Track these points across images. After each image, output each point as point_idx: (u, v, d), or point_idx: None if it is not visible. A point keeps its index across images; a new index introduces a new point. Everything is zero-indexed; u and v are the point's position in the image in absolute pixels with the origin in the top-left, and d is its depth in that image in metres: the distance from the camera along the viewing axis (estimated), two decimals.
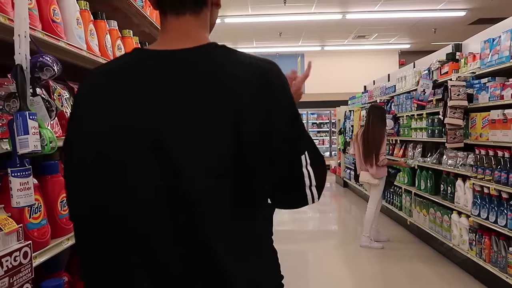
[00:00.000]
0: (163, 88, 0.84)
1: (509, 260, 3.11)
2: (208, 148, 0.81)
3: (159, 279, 0.81)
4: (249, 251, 0.87)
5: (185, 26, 0.92)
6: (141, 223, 0.81)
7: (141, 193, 0.80)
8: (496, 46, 3.41)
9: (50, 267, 1.48)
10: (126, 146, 0.81)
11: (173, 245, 0.81)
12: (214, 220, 0.82)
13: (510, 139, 3.11)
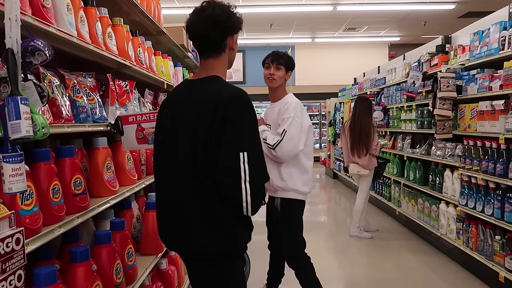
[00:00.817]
0: (178, 101, 1.62)
1: (495, 248, 3.18)
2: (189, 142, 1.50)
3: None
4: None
5: (208, 65, 1.64)
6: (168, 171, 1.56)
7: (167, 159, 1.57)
8: (485, 38, 3.45)
9: (42, 255, 1.48)
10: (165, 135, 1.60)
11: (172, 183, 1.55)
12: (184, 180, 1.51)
13: (497, 130, 3.16)
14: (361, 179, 4.85)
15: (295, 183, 2.58)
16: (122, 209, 2.26)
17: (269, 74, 2.64)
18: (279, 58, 2.66)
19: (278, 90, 2.70)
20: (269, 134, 2.60)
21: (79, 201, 1.59)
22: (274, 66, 2.64)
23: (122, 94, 2.38)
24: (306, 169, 2.62)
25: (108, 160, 1.98)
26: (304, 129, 2.55)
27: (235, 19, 1.60)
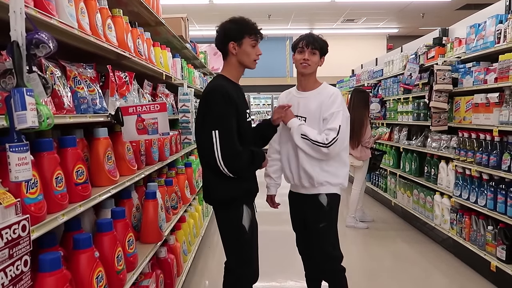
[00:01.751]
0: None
1: (488, 238, 3.25)
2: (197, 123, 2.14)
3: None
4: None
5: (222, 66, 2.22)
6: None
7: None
8: (481, 32, 3.48)
9: (46, 242, 1.52)
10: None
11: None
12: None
13: (492, 122, 3.21)
14: (355, 170, 4.89)
15: (340, 177, 2.39)
16: (122, 198, 2.30)
17: (303, 59, 2.32)
18: (315, 42, 2.33)
19: (311, 78, 2.40)
20: (309, 129, 2.30)
21: (81, 190, 1.63)
22: (309, 51, 2.32)
23: (122, 85, 2.40)
24: (347, 163, 2.45)
25: (108, 150, 2.01)
26: (348, 122, 2.39)
27: (231, 29, 2.08)
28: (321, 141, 2.25)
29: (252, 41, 2.08)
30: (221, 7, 9.05)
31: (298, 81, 2.46)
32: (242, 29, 2.07)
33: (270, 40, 12.71)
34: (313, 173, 2.34)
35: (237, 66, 2.14)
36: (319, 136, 2.26)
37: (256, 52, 2.11)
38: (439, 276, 3.61)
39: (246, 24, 2.09)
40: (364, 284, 3.41)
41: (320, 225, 2.40)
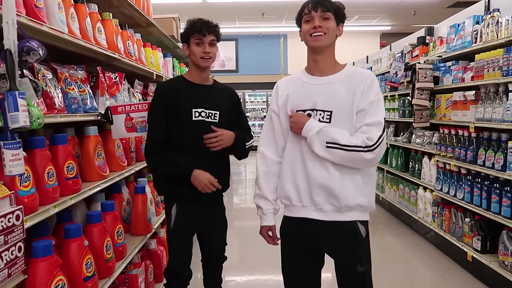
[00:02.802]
0: None
1: (465, 230, 3.40)
2: None
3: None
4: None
5: None
6: None
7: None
8: (460, 32, 3.61)
9: (39, 232, 1.65)
10: None
11: None
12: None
13: (468, 119, 3.35)
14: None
15: (373, 198, 1.72)
16: (113, 193, 2.43)
17: (313, 28, 1.64)
18: (325, 1, 1.66)
19: (329, 55, 1.71)
20: (337, 132, 1.60)
21: (71, 184, 1.75)
22: (319, 15, 1.64)
23: (112, 86, 2.53)
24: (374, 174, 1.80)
25: (98, 147, 2.14)
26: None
27: (182, 32, 2.15)
28: (362, 144, 1.55)
29: (195, 40, 2.07)
30: (214, 5, 9.15)
31: (310, 63, 1.74)
32: (187, 30, 2.11)
33: (264, 38, 12.87)
34: (342, 192, 1.61)
35: (194, 67, 2.15)
36: (354, 138, 1.57)
37: (202, 50, 2.05)
38: (423, 267, 3.76)
39: (192, 25, 2.09)
40: None
41: (359, 269, 1.69)
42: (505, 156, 2.88)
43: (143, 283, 2.43)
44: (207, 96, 2.13)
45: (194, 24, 2.08)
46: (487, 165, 3.06)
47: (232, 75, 12.80)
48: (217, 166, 2.11)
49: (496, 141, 3.02)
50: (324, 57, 1.70)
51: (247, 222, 5.29)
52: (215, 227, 2.25)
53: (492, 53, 3.05)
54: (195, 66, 2.13)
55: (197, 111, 2.07)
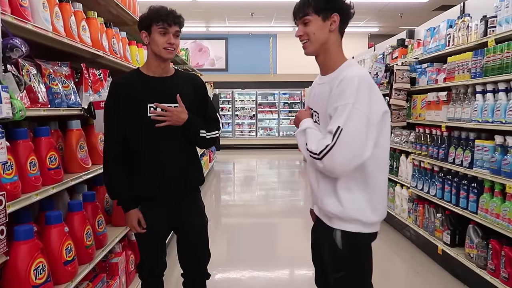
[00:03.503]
0: None
1: (436, 225, 3.56)
2: None
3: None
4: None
5: None
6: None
7: None
8: (436, 35, 3.77)
9: (21, 218, 1.74)
10: None
11: None
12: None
13: (441, 118, 3.51)
14: None
15: (360, 208, 1.58)
16: (95, 185, 2.53)
17: (299, 36, 1.66)
18: (301, 5, 1.62)
19: (326, 55, 1.65)
20: (312, 134, 1.60)
21: (53, 174, 1.85)
22: (300, 22, 1.64)
23: (96, 82, 2.62)
24: (378, 185, 1.62)
25: (81, 140, 2.24)
26: (372, 122, 1.50)
27: (142, 18, 1.99)
28: (316, 151, 1.51)
29: (159, 29, 1.89)
30: (204, 4, 9.24)
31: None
32: (150, 17, 1.92)
33: (254, 38, 12.97)
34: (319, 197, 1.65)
35: (151, 57, 1.99)
36: (315, 143, 1.54)
37: (167, 40, 1.90)
38: (398, 261, 3.92)
39: (155, 12, 1.91)
40: None
41: (335, 276, 1.68)
42: (472, 154, 3.03)
43: (123, 272, 2.53)
44: (165, 89, 1.97)
45: (159, 11, 1.91)
46: (457, 163, 3.22)
47: (222, 73, 12.89)
48: (182, 163, 2.00)
49: (465, 140, 3.17)
50: (321, 59, 1.66)
51: (235, 219, 5.40)
52: (190, 224, 2.06)
53: (462, 56, 3.21)
54: (155, 57, 1.96)
55: (152, 106, 1.92)
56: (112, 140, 1.97)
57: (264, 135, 13.45)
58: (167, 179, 1.97)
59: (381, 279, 3.49)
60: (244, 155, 11.74)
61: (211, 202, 6.44)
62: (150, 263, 2.09)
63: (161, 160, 1.96)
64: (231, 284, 3.33)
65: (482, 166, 2.90)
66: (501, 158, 2.70)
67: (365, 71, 1.63)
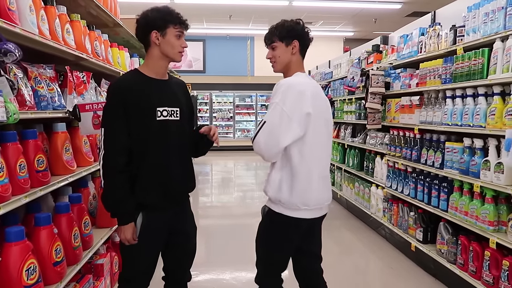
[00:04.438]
0: None
1: (410, 223, 3.73)
2: None
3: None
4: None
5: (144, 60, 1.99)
6: None
7: None
8: (409, 42, 3.95)
9: (10, 221, 1.76)
10: None
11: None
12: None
13: (413, 121, 3.68)
14: None
15: (282, 192, 1.94)
16: (80, 187, 2.54)
17: (269, 59, 2.08)
18: (269, 35, 2.07)
19: (288, 72, 2.06)
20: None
21: (41, 177, 1.87)
22: (269, 47, 2.07)
23: (80, 84, 2.64)
24: (302, 175, 1.93)
25: (66, 143, 2.25)
26: (292, 118, 1.87)
27: (154, 18, 1.88)
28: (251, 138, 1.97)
29: (176, 31, 1.89)
30: (182, 6, 9.23)
31: None
32: (166, 18, 1.87)
33: (232, 40, 13.04)
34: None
35: (159, 58, 1.92)
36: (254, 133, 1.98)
37: (181, 44, 1.92)
38: (373, 258, 4.06)
39: (170, 13, 1.89)
40: None
41: (256, 236, 2.13)
42: (443, 156, 3.21)
43: (108, 273, 2.55)
44: (169, 92, 1.95)
45: (174, 13, 1.89)
46: (429, 164, 3.39)
47: (200, 75, 12.89)
48: (185, 167, 2.01)
49: (436, 142, 3.35)
50: (286, 75, 2.08)
51: (213, 220, 5.45)
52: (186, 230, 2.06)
53: (433, 63, 3.39)
54: (164, 58, 1.92)
55: (159, 110, 1.88)
56: (118, 150, 1.81)
57: (242, 137, 13.53)
58: (173, 186, 1.94)
59: (357, 275, 3.63)
60: (221, 157, 11.77)
61: None
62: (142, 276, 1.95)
63: (167, 166, 1.91)
64: (212, 284, 3.38)
65: (452, 167, 3.08)
66: (469, 159, 2.88)
67: (301, 81, 1.98)
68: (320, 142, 1.99)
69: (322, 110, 2.00)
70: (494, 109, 2.64)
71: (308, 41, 2.07)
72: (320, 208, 2.05)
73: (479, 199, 2.79)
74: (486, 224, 2.69)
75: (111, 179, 1.83)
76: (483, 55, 2.76)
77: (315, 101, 1.94)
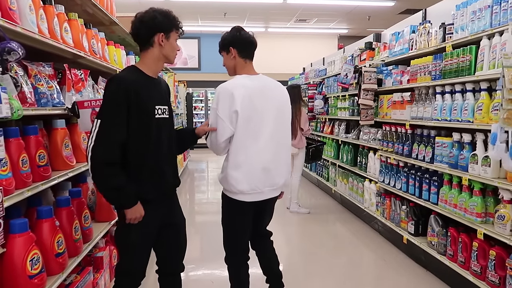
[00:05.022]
0: None
1: (402, 216, 3.82)
2: None
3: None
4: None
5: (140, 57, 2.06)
6: None
7: None
8: (400, 39, 4.03)
9: (13, 214, 1.81)
10: None
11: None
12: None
13: (405, 117, 3.77)
14: (294, 159, 5.28)
15: (225, 177, 2.26)
16: (79, 182, 2.60)
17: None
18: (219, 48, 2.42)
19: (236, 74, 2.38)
20: None
21: (42, 171, 1.93)
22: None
23: (78, 82, 2.69)
24: (236, 164, 2.23)
25: (66, 139, 2.31)
26: (223, 118, 2.17)
27: (162, 21, 1.97)
28: None
29: (177, 36, 2.04)
30: (177, 4, 9.27)
31: None
32: (173, 22, 2.00)
33: None
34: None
35: (158, 59, 2.01)
36: None
37: (177, 47, 2.06)
38: (367, 251, 4.15)
39: (174, 18, 2.02)
40: (303, 259, 3.90)
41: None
42: (433, 150, 3.30)
43: (108, 266, 2.62)
44: (159, 91, 2.06)
45: (177, 18, 2.03)
46: (420, 158, 3.48)
47: (195, 72, 12.93)
48: (173, 163, 2.12)
49: (427, 137, 3.44)
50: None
51: (209, 217, 5.51)
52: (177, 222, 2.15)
53: (423, 60, 3.47)
54: (163, 59, 2.03)
55: (156, 108, 1.97)
56: (114, 143, 1.83)
57: None
58: (167, 180, 2.05)
59: (350, 267, 3.72)
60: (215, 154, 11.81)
61: (185, 200, 6.53)
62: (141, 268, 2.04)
63: (162, 162, 1.99)
64: (208, 277, 3.45)
65: (441, 161, 3.17)
66: (458, 153, 2.97)
67: (234, 83, 2.26)
68: (258, 136, 2.23)
69: (264, 107, 2.24)
70: (481, 104, 2.72)
71: (245, 44, 2.34)
72: (259, 192, 2.29)
73: (468, 192, 2.88)
74: (474, 216, 2.78)
75: (103, 170, 1.82)
76: (471, 52, 2.85)
77: (252, 100, 2.20)
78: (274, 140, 2.29)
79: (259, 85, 2.29)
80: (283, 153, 2.38)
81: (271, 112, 2.27)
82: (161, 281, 2.20)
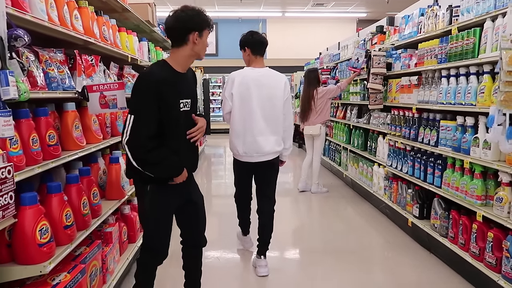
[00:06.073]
0: None
1: (407, 199, 3.85)
2: None
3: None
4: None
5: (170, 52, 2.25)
6: None
7: None
8: (410, 22, 4.00)
9: (25, 189, 1.97)
10: None
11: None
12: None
13: (412, 101, 3.77)
14: (315, 140, 5.45)
15: (231, 142, 3.09)
16: (90, 162, 2.76)
17: None
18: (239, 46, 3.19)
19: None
20: None
21: (52, 150, 2.07)
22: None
23: (88, 67, 2.82)
24: (234, 132, 3.03)
25: (76, 121, 2.45)
26: (225, 96, 3.04)
27: (197, 20, 2.12)
28: None
29: (208, 33, 2.18)
30: None
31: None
32: (207, 21, 2.15)
33: (244, 22, 13.05)
34: None
35: (190, 56, 2.17)
36: None
37: (207, 44, 2.22)
38: (375, 234, 4.21)
39: (207, 17, 2.16)
40: (318, 239, 4.06)
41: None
42: (437, 134, 3.30)
43: (117, 241, 2.78)
44: (185, 85, 2.22)
45: (208, 17, 2.17)
46: (425, 142, 3.49)
47: (212, 58, 13.01)
48: (193, 151, 2.34)
49: (432, 121, 3.44)
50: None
51: (225, 200, 5.66)
52: (198, 199, 2.39)
53: (430, 43, 3.45)
54: (194, 56, 2.18)
55: (181, 102, 2.15)
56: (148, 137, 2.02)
57: None
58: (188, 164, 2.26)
59: (358, 249, 3.79)
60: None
61: (202, 184, 6.70)
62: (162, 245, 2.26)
63: (187, 151, 2.22)
64: (214, 256, 3.60)
65: (445, 144, 3.18)
66: (461, 136, 2.98)
67: (240, 72, 3.09)
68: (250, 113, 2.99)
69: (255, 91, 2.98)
70: (484, 87, 2.72)
71: (256, 45, 3.13)
72: (250, 156, 3.04)
73: (469, 175, 2.90)
74: (474, 199, 2.80)
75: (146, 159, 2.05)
76: (475, 34, 2.83)
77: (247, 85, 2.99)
78: (263, 117, 3.00)
79: (257, 75, 3.04)
80: (271, 127, 3.03)
81: (261, 96, 2.99)
82: (184, 251, 2.49)
